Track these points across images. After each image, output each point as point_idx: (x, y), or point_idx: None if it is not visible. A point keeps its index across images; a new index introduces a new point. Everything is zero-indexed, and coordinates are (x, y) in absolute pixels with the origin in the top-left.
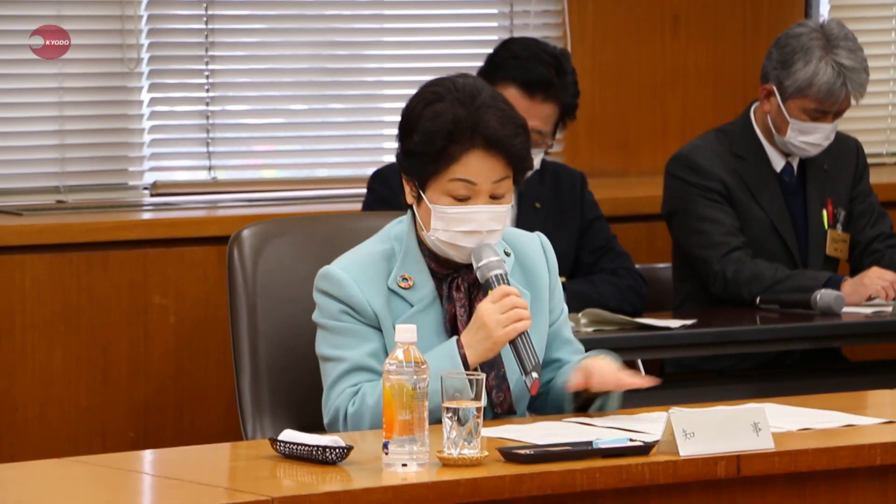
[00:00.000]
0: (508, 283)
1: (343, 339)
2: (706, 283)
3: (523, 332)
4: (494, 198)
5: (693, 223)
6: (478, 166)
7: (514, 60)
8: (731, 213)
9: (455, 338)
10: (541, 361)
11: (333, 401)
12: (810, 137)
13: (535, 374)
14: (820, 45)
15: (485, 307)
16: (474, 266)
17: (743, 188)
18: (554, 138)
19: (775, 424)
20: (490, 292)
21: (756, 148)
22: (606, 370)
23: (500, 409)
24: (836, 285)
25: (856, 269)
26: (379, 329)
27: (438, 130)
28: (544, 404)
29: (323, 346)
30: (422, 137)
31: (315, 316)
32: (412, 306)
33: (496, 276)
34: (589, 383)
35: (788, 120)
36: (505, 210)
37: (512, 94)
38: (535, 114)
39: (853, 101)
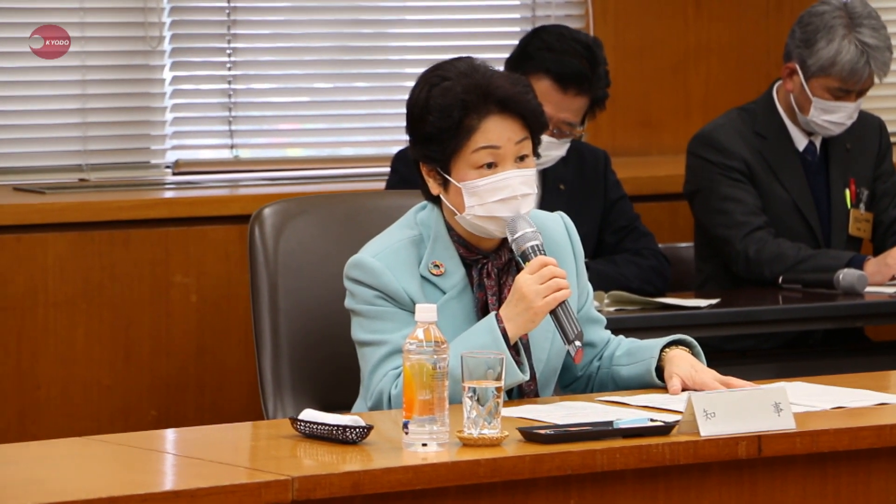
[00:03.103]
0: (545, 254)
1: (381, 323)
2: (728, 263)
3: (563, 302)
4: (520, 160)
5: (715, 203)
6: (497, 130)
7: (548, 52)
8: (752, 192)
9: (493, 313)
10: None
11: (376, 384)
12: (833, 116)
13: (578, 343)
14: (843, 23)
15: (523, 278)
16: (509, 238)
17: (765, 167)
18: (583, 127)
19: (807, 403)
20: (527, 263)
21: (778, 127)
22: (707, 381)
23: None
24: (858, 265)
25: (879, 248)
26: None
27: (452, 103)
28: (588, 389)
29: (359, 331)
30: (437, 115)
31: (348, 303)
32: (444, 293)
33: (532, 247)
34: (688, 387)
35: (811, 99)
36: (533, 173)
37: (545, 87)
38: (567, 107)
39: (876, 80)
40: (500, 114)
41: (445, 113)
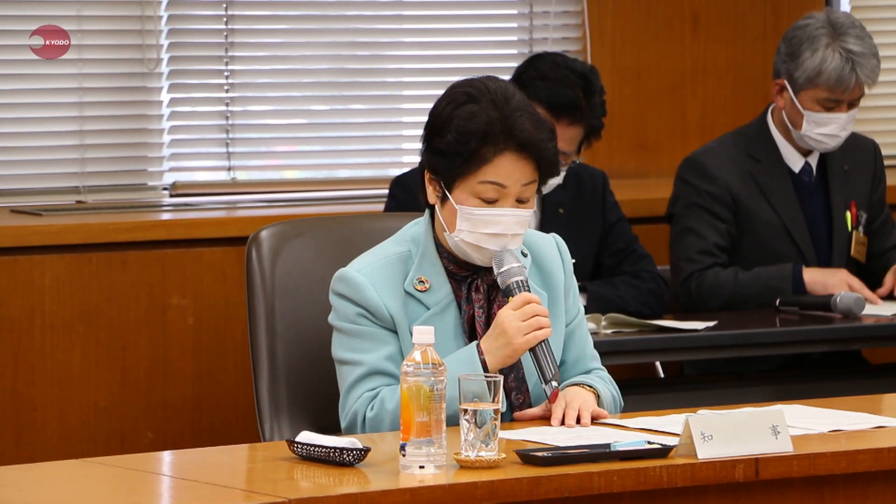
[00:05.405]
0: (529, 290)
1: (360, 342)
2: (675, 293)
3: (543, 341)
4: (520, 202)
5: (679, 231)
6: (509, 169)
7: (542, 81)
8: (721, 227)
9: (475, 343)
10: (558, 363)
11: (351, 405)
12: (826, 129)
13: (554, 383)
14: (826, 32)
15: (505, 314)
16: (495, 272)
17: (755, 191)
18: (578, 155)
19: (804, 426)
20: (511, 299)
21: (771, 149)
22: (578, 404)
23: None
24: (798, 274)
25: (871, 275)
26: (395, 332)
27: (473, 131)
28: None
29: (339, 349)
30: (455, 137)
31: (331, 318)
32: (428, 309)
33: (517, 282)
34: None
35: (802, 112)
36: (529, 214)
37: None
38: (561, 136)
39: (865, 89)
40: (515, 153)
41: (464, 138)
